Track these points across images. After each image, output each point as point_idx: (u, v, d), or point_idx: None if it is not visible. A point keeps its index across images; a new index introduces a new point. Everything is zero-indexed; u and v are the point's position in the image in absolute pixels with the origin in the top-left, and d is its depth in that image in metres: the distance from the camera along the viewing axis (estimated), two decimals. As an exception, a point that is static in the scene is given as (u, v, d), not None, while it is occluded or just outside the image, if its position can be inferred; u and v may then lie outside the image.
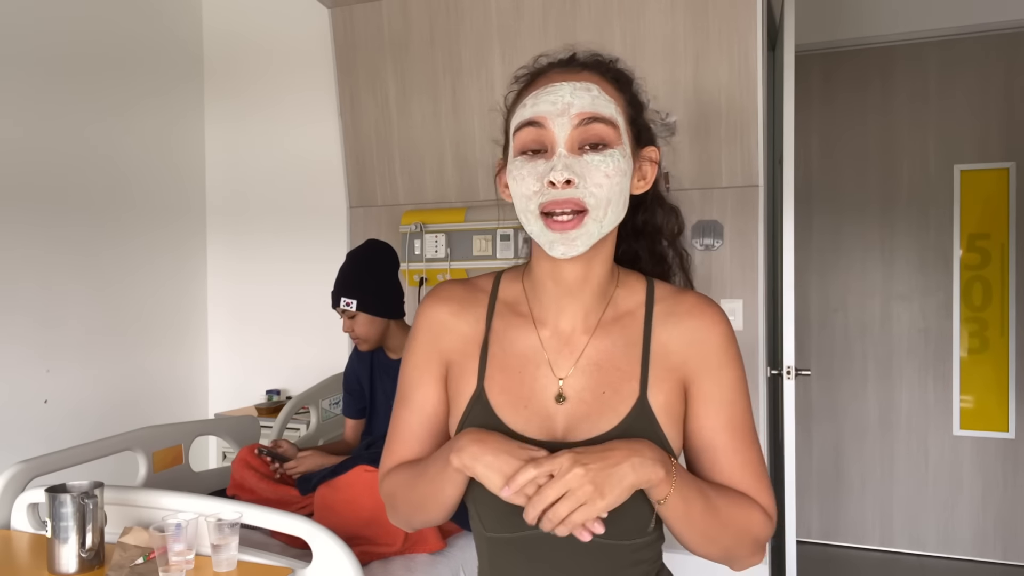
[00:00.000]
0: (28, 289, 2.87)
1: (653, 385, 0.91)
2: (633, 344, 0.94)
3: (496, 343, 0.97)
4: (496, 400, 0.94)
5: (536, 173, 0.86)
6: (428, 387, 0.99)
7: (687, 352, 0.93)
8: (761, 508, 0.92)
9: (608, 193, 0.86)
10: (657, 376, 0.92)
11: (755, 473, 0.93)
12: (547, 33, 2.89)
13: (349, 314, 2.26)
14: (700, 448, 0.93)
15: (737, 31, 2.64)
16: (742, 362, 0.95)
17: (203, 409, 3.68)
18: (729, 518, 0.89)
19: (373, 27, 3.14)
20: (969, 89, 3.40)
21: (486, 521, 0.95)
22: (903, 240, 3.54)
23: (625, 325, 0.95)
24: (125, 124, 3.28)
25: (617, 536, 0.90)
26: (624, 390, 0.91)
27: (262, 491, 2.16)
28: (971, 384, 3.43)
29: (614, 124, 0.88)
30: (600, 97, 0.88)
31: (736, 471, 0.92)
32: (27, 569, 1.57)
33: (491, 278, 1.03)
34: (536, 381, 0.94)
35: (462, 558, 1.98)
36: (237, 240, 3.65)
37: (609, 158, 0.86)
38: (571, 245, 0.86)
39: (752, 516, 0.90)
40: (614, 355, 0.93)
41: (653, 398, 0.91)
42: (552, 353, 0.94)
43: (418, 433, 1.00)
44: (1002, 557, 3.38)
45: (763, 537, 0.92)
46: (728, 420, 0.92)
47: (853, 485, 3.60)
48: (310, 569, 1.54)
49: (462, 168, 3.11)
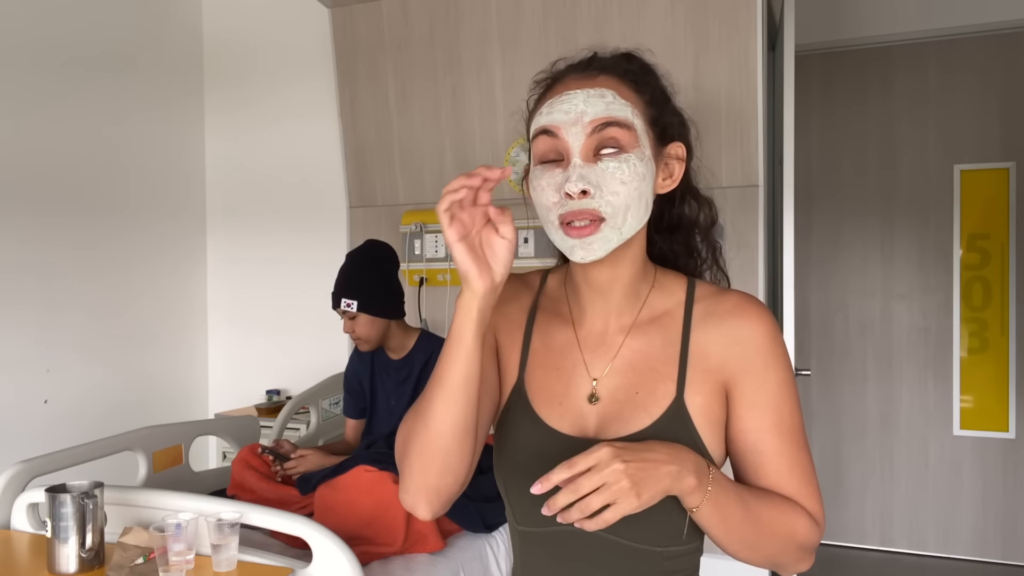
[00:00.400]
0: (28, 288, 2.87)
1: (691, 386, 0.90)
2: (670, 344, 0.92)
3: (538, 337, 0.98)
4: (534, 395, 0.94)
5: (554, 184, 0.86)
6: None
7: (728, 354, 0.90)
8: (808, 514, 0.88)
9: (625, 200, 0.85)
10: (695, 378, 0.90)
11: (803, 477, 0.89)
12: (547, 33, 2.89)
13: (350, 315, 2.26)
14: (745, 451, 0.90)
15: (737, 31, 2.64)
16: (789, 362, 0.92)
17: (203, 409, 3.68)
18: (772, 526, 0.86)
19: (373, 27, 3.14)
20: (969, 89, 3.40)
21: (518, 514, 0.95)
22: (903, 240, 3.54)
23: (663, 325, 0.94)
24: (125, 124, 3.28)
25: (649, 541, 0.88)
26: (659, 391, 0.90)
27: (262, 491, 2.16)
28: (971, 384, 3.43)
29: (630, 127, 0.87)
30: (615, 102, 0.87)
31: (784, 475, 0.89)
32: (27, 569, 1.57)
33: (539, 275, 1.05)
34: (571, 380, 0.94)
35: (462, 558, 1.98)
36: (237, 240, 3.65)
37: (625, 164, 0.85)
38: (589, 250, 0.86)
39: (798, 522, 0.87)
40: (650, 355, 0.92)
41: (690, 400, 0.89)
42: (588, 353, 0.95)
43: None
44: (1002, 557, 3.37)
45: (810, 544, 0.89)
46: (775, 423, 0.89)
47: (853, 485, 3.60)
48: (310, 569, 1.54)
49: (462, 168, 3.10)
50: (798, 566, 0.90)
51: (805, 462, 0.90)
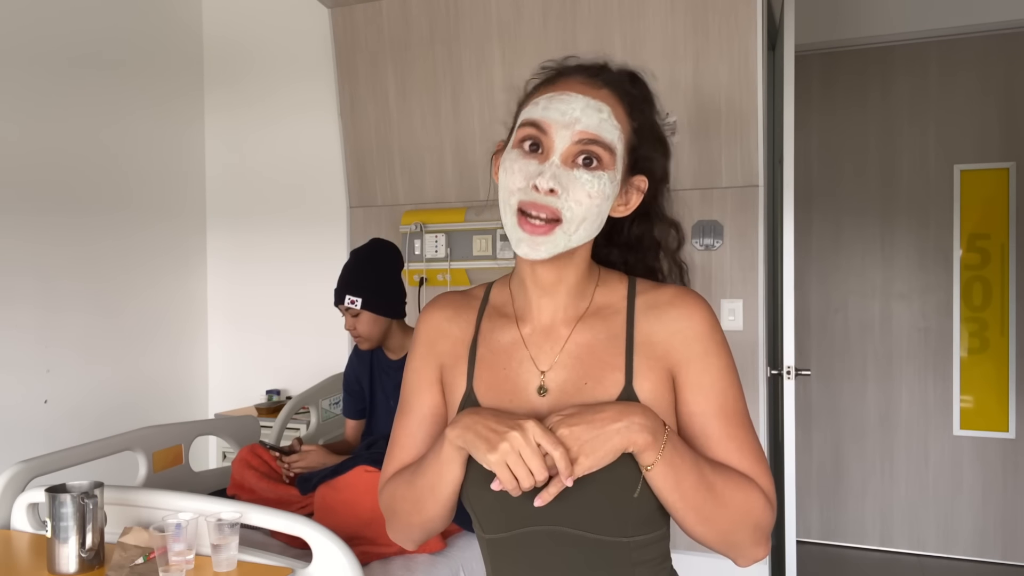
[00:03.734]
0: (28, 288, 2.87)
1: (639, 374, 0.92)
2: (615, 336, 0.95)
3: (483, 344, 1.00)
4: (484, 398, 0.96)
5: (526, 172, 0.89)
6: (426, 392, 1.02)
7: (671, 341, 0.93)
8: (762, 491, 0.90)
9: (586, 212, 0.89)
10: (643, 365, 0.92)
11: (752, 456, 0.91)
12: (547, 33, 2.89)
13: (353, 312, 2.25)
14: (693, 436, 0.92)
15: (737, 31, 2.64)
16: (728, 349, 0.95)
17: (203, 409, 3.68)
18: (726, 496, 0.87)
19: (373, 27, 3.15)
20: (969, 89, 3.40)
21: (483, 522, 0.96)
22: (903, 240, 3.54)
23: (606, 318, 0.96)
24: (125, 124, 3.28)
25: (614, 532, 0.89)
26: (608, 380, 0.92)
27: (262, 491, 2.15)
28: (971, 384, 3.43)
29: (612, 150, 0.90)
30: (608, 121, 0.90)
31: (733, 455, 0.91)
32: (27, 569, 1.57)
33: (484, 287, 1.08)
34: (519, 376, 0.96)
35: (462, 558, 1.98)
36: (237, 240, 3.65)
37: (597, 179, 0.89)
38: (535, 249, 0.89)
39: (751, 497, 0.89)
40: (596, 348, 0.94)
41: (639, 386, 0.91)
42: (534, 348, 0.97)
43: (418, 437, 1.01)
44: (1002, 557, 3.38)
45: (764, 523, 0.90)
46: (719, 406, 0.92)
47: (853, 485, 3.60)
48: (310, 569, 1.54)
49: (462, 168, 3.11)
50: (753, 550, 0.91)
51: (753, 443, 0.92)
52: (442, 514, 0.96)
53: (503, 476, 0.82)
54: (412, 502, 0.97)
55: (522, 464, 0.81)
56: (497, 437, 0.82)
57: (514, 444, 0.81)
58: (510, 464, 0.81)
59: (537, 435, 0.81)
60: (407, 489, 0.97)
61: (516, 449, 0.81)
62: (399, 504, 0.99)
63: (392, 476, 1.02)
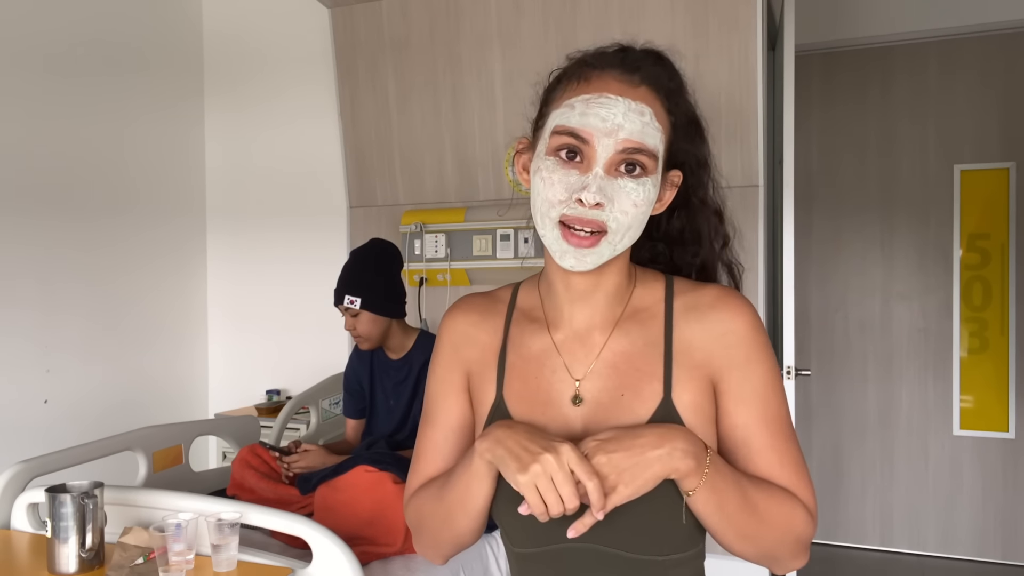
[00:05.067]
0: (28, 289, 2.87)
1: (678, 385, 0.87)
2: (653, 343, 0.90)
3: (513, 351, 0.95)
4: (515, 408, 0.92)
5: (567, 183, 0.84)
6: (452, 400, 0.97)
7: (712, 347, 0.88)
8: (803, 505, 0.86)
9: (631, 221, 0.85)
10: (682, 375, 0.88)
11: (795, 469, 0.88)
12: (547, 33, 2.90)
13: (352, 312, 2.26)
14: (734, 447, 0.88)
15: (737, 31, 2.64)
16: (772, 354, 0.90)
17: (203, 409, 3.68)
18: (769, 515, 0.84)
19: (373, 27, 3.14)
20: (969, 89, 3.40)
21: (512, 536, 0.92)
22: (903, 240, 3.54)
23: (643, 322, 0.91)
24: (125, 124, 3.28)
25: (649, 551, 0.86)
26: (646, 391, 0.87)
27: (262, 491, 2.15)
28: (971, 384, 3.43)
29: (655, 156, 0.85)
30: (651, 124, 0.85)
31: (775, 468, 0.87)
32: (27, 569, 1.57)
33: (510, 288, 1.02)
34: (552, 385, 0.91)
35: (462, 558, 1.98)
36: (237, 240, 3.65)
37: (641, 187, 0.84)
38: (582, 261, 0.85)
39: (795, 513, 0.85)
40: (633, 355, 0.90)
41: (679, 398, 0.87)
42: (567, 355, 0.92)
43: (443, 448, 0.97)
44: (1002, 557, 3.37)
45: (806, 536, 0.87)
46: (761, 415, 0.87)
47: (853, 485, 3.59)
48: (310, 569, 1.54)
49: (462, 168, 3.11)
50: (793, 562, 0.88)
51: (795, 454, 0.89)
52: (473, 528, 0.91)
53: (532, 500, 0.77)
54: (442, 517, 0.92)
55: (553, 490, 0.76)
56: (529, 457, 0.77)
57: (547, 468, 0.76)
58: (540, 488, 0.76)
59: (572, 461, 0.76)
60: (435, 504, 0.92)
61: (548, 473, 0.76)
62: (427, 519, 0.94)
63: (418, 490, 0.97)
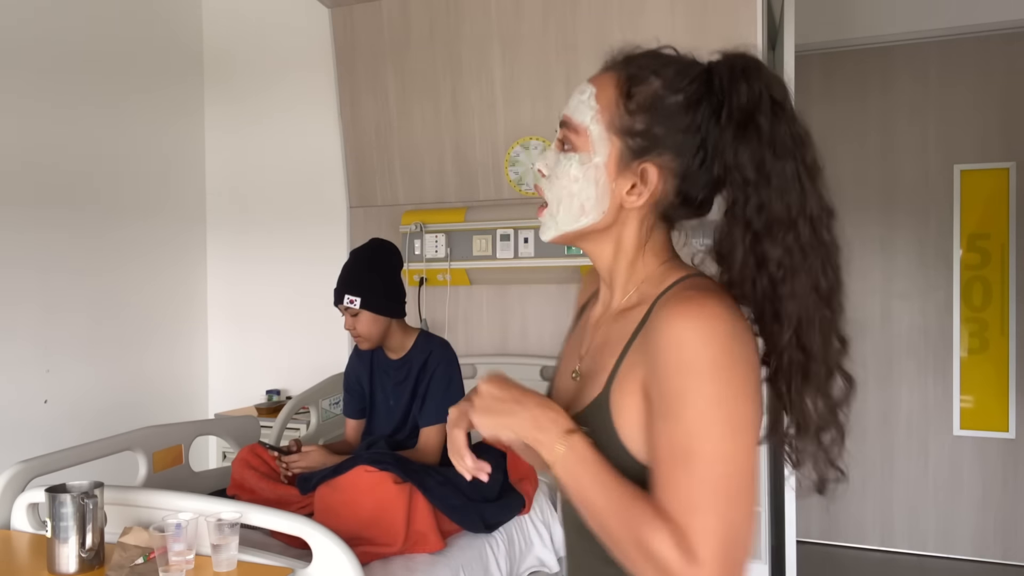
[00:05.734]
0: (28, 288, 2.87)
1: (617, 385, 0.85)
2: (623, 338, 0.88)
3: (585, 313, 1.06)
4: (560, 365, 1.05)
5: None
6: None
7: (647, 355, 0.82)
8: (673, 541, 0.73)
9: (557, 195, 0.90)
10: (625, 375, 0.85)
11: (682, 504, 0.74)
12: (547, 33, 2.90)
13: (352, 312, 2.26)
14: (649, 465, 0.81)
15: (737, 31, 2.64)
16: (711, 374, 0.76)
17: (203, 409, 3.68)
18: (614, 529, 0.78)
19: (373, 27, 3.14)
20: (969, 89, 3.40)
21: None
22: (903, 240, 3.54)
23: (630, 317, 0.90)
24: (125, 124, 3.28)
25: None
26: (595, 383, 0.89)
27: (262, 491, 2.15)
28: (971, 384, 3.43)
29: (579, 131, 0.89)
30: (586, 102, 0.89)
31: (662, 497, 0.76)
32: (27, 569, 1.57)
33: None
34: (572, 355, 1.01)
35: (462, 558, 1.98)
36: (237, 240, 3.65)
37: (568, 161, 0.90)
38: (542, 229, 0.95)
39: (652, 538, 0.74)
40: (605, 346, 0.92)
41: (613, 397, 0.85)
42: (587, 332, 1.00)
43: None
44: (1002, 557, 3.37)
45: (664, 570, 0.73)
46: (666, 437, 0.77)
47: (853, 485, 3.59)
48: (310, 569, 1.54)
49: (462, 168, 3.11)
50: None
51: (687, 487, 0.75)
52: None
53: None
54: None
55: None
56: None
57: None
58: None
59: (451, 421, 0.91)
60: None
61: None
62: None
63: None
